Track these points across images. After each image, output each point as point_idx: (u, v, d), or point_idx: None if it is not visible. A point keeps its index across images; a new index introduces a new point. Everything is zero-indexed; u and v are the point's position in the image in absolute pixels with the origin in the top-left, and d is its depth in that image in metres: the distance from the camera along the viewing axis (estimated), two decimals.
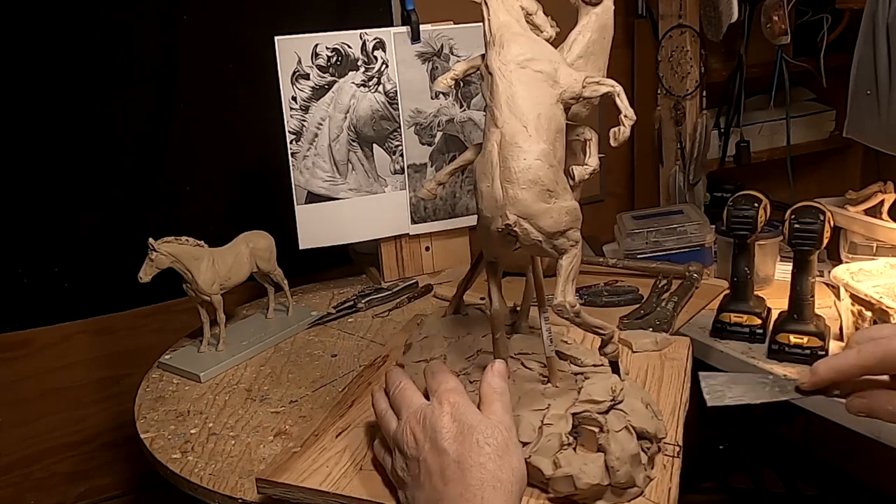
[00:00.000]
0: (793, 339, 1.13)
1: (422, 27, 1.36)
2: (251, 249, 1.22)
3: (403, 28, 1.37)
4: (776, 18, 1.59)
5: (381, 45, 1.35)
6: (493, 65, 0.72)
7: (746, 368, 1.17)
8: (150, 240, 1.08)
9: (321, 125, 1.34)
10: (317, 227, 1.36)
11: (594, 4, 0.81)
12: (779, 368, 1.13)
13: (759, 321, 1.20)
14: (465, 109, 1.42)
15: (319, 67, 1.32)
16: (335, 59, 1.33)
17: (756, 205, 1.18)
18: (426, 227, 1.44)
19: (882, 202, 1.39)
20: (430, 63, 1.39)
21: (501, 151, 0.68)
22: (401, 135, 1.39)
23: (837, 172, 1.98)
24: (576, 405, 0.76)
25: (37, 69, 1.34)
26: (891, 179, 1.42)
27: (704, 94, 1.73)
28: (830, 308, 1.25)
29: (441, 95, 1.39)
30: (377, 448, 0.78)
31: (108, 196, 1.43)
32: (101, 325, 1.48)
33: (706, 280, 1.37)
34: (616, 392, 0.76)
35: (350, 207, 1.38)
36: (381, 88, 1.37)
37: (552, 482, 0.71)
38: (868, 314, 1.11)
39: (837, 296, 1.22)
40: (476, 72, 0.78)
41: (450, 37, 1.39)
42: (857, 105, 1.38)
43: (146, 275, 1.09)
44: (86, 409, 1.50)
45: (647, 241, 1.51)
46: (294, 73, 1.31)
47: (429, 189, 0.87)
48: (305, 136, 1.34)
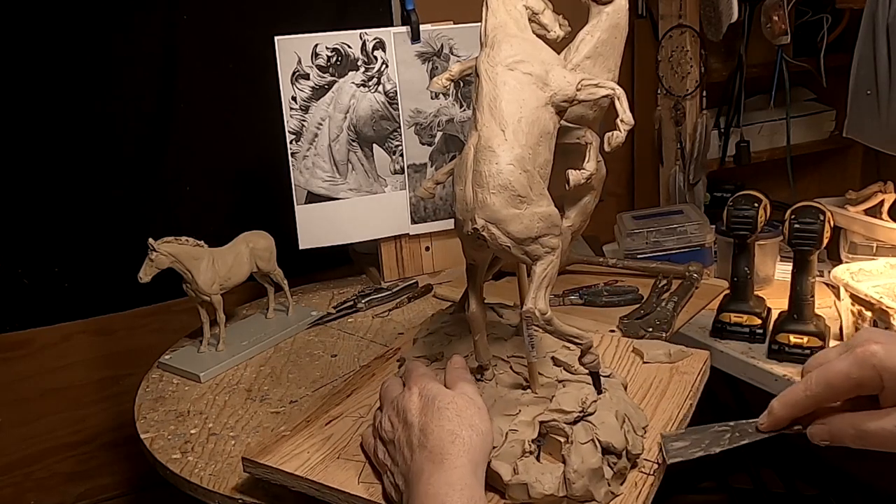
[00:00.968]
0: (793, 339, 1.13)
1: (422, 27, 1.36)
2: (251, 249, 1.22)
3: (403, 28, 1.37)
4: (776, 18, 1.59)
5: (381, 45, 1.35)
6: (480, 67, 0.71)
7: (747, 369, 1.17)
8: (150, 240, 1.08)
9: (321, 125, 1.34)
10: (317, 227, 1.36)
11: (605, 3, 0.79)
12: (779, 368, 1.13)
13: (759, 321, 1.20)
14: (465, 109, 1.41)
15: (319, 67, 1.32)
16: (335, 59, 1.33)
17: (756, 205, 1.18)
18: (426, 227, 1.44)
19: (882, 202, 1.39)
20: (430, 63, 1.39)
21: (476, 154, 0.68)
22: (401, 135, 1.39)
23: (837, 172, 1.98)
24: (544, 413, 0.75)
25: (37, 69, 1.34)
26: (891, 179, 1.42)
27: (704, 94, 1.72)
28: (830, 308, 1.25)
29: (441, 95, 1.39)
30: (366, 436, 0.80)
31: (108, 196, 1.43)
32: (101, 325, 1.48)
33: (706, 280, 1.37)
34: (586, 404, 0.75)
35: (350, 207, 1.38)
36: (381, 88, 1.37)
37: (508, 488, 0.70)
38: (868, 314, 1.11)
39: (837, 296, 1.22)
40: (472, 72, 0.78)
41: (450, 37, 1.39)
42: (857, 105, 1.38)
43: (146, 275, 1.09)
44: (86, 409, 1.50)
45: (647, 241, 1.51)
46: (294, 73, 1.31)
47: (427, 188, 0.87)
48: (305, 136, 1.34)
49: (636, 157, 1.92)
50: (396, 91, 1.37)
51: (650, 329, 1.18)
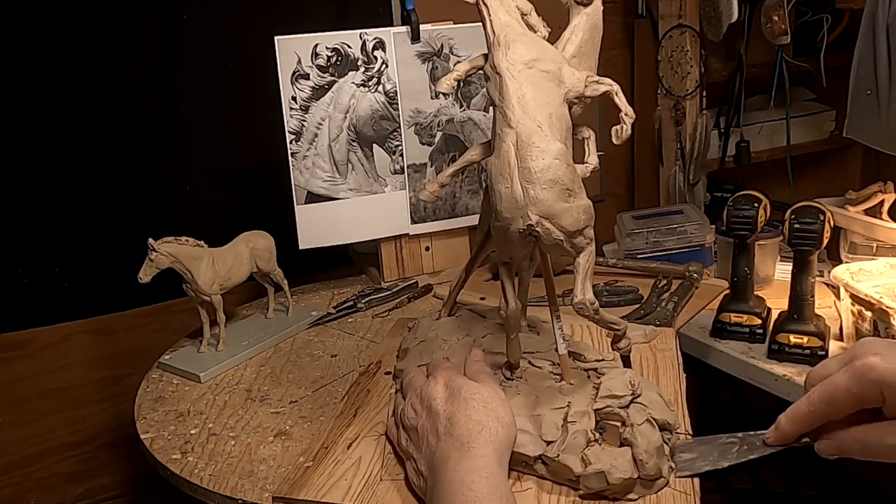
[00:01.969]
0: (793, 339, 1.13)
1: (422, 27, 1.36)
2: (251, 249, 1.22)
3: (403, 28, 1.37)
4: (776, 18, 1.59)
5: (381, 45, 1.35)
6: (501, 65, 0.72)
7: (747, 369, 1.17)
8: (150, 240, 1.08)
9: (321, 125, 1.34)
10: (317, 227, 1.36)
11: (585, 4, 0.81)
12: (779, 368, 1.13)
13: (759, 321, 1.20)
14: (465, 109, 1.41)
15: (319, 67, 1.32)
16: (335, 59, 1.33)
17: (756, 205, 1.18)
18: (426, 227, 1.44)
19: (882, 202, 1.39)
20: (430, 63, 1.39)
21: (519, 152, 0.68)
22: (401, 135, 1.39)
23: (837, 172, 1.98)
24: (597, 401, 0.76)
25: (37, 69, 1.34)
26: (891, 179, 1.42)
27: (704, 94, 1.72)
28: (830, 308, 1.25)
29: (441, 95, 1.39)
30: (390, 425, 0.82)
31: (108, 196, 1.43)
32: (101, 325, 1.48)
33: (706, 280, 1.37)
34: (635, 386, 0.77)
35: (350, 207, 1.38)
36: (381, 88, 1.37)
37: (583, 479, 0.71)
38: (868, 314, 1.11)
39: (837, 296, 1.22)
40: (477, 72, 0.78)
41: (450, 37, 1.39)
42: (857, 105, 1.38)
43: (146, 275, 1.09)
44: (86, 409, 1.50)
45: (647, 241, 1.51)
46: (294, 73, 1.31)
47: (431, 191, 0.87)
48: (305, 136, 1.34)
49: (636, 157, 1.92)
50: (396, 91, 1.37)
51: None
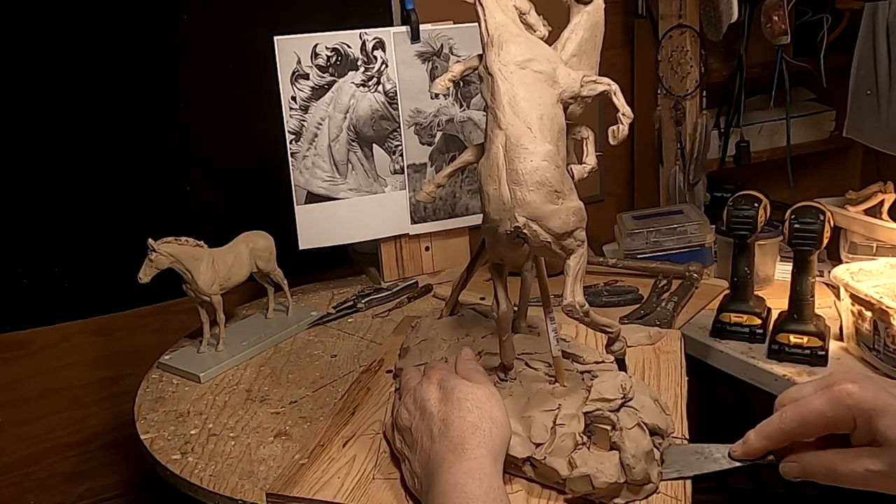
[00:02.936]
0: (793, 339, 1.13)
1: (421, 27, 1.36)
2: (251, 249, 1.22)
3: (403, 28, 1.37)
4: (776, 18, 1.59)
5: (381, 45, 1.35)
6: (494, 66, 0.71)
7: (747, 369, 1.17)
8: (150, 240, 1.08)
9: (321, 125, 1.34)
10: (317, 227, 1.36)
11: (586, 3, 0.80)
12: (779, 368, 1.13)
13: (759, 321, 1.20)
14: (465, 109, 1.41)
15: (319, 67, 1.32)
16: (335, 59, 1.33)
17: (756, 205, 1.18)
18: (426, 227, 1.44)
19: (882, 202, 1.39)
20: (430, 63, 1.39)
21: (507, 153, 0.68)
22: (400, 135, 1.39)
23: (837, 172, 1.98)
24: (587, 404, 0.76)
25: (37, 69, 1.34)
26: (891, 179, 1.42)
27: (704, 94, 1.73)
28: (830, 308, 1.25)
29: (440, 95, 1.39)
30: (387, 424, 0.82)
31: (108, 196, 1.43)
32: (101, 325, 1.48)
33: (706, 280, 1.37)
34: (626, 389, 0.76)
35: (350, 207, 1.38)
36: (381, 88, 1.37)
37: (569, 482, 0.71)
38: (868, 314, 1.11)
39: (837, 296, 1.22)
40: (474, 72, 0.78)
41: (449, 36, 1.39)
42: (857, 105, 1.38)
43: (146, 275, 1.09)
44: (86, 409, 1.50)
45: (647, 241, 1.51)
46: (294, 73, 1.31)
47: (428, 192, 0.87)
48: (305, 136, 1.34)
49: (636, 157, 1.92)
50: (396, 91, 1.37)
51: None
